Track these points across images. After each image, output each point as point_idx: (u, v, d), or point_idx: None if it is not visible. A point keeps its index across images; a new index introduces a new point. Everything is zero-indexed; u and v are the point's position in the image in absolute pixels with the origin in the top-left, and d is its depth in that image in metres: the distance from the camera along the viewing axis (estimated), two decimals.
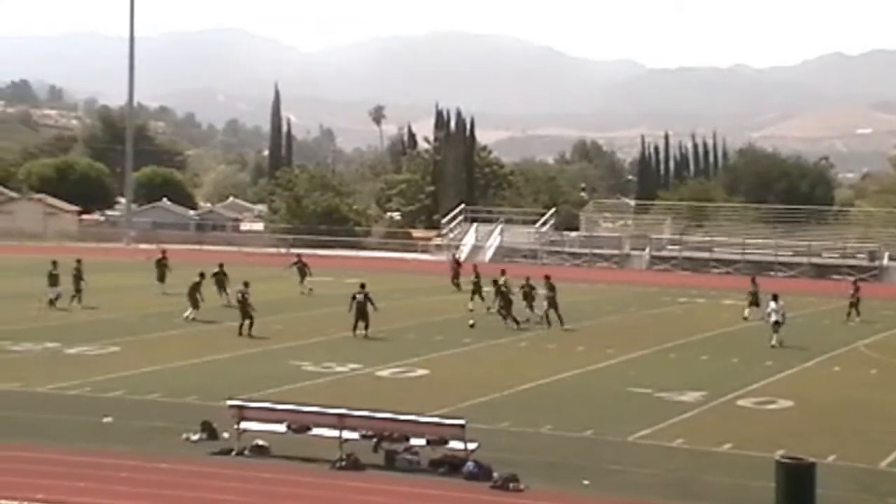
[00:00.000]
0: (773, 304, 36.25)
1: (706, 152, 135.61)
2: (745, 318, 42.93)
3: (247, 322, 35.27)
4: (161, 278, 48.04)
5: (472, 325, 38.65)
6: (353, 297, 36.02)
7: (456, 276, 52.70)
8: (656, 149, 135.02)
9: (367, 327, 35.55)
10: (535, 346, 35.62)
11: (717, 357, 34.00)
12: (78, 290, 42.92)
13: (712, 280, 65.81)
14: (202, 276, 40.29)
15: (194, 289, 39.27)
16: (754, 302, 43.10)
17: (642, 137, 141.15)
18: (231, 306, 39.84)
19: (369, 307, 35.76)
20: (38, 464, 19.14)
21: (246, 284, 35.92)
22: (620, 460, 20.52)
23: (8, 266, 62.41)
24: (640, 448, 21.69)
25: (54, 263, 43.07)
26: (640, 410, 25.30)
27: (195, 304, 39.00)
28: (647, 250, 77.61)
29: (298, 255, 53.96)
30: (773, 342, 35.48)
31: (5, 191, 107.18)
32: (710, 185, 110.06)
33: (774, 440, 21.96)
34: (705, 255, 75.70)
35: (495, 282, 40.95)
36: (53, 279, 42.53)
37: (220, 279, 44.32)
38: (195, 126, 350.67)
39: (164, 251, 51.53)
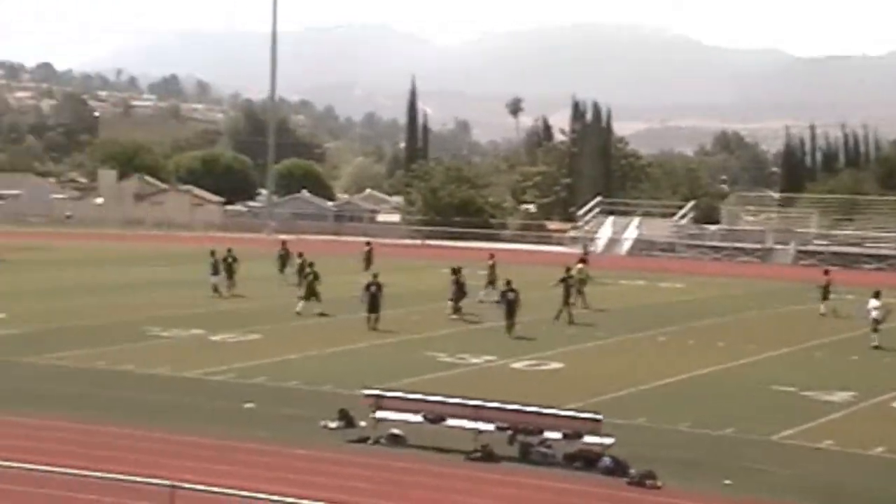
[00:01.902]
0: (873, 302, 34.46)
1: (857, 143, 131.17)
2: (822, 315, 41.55)
3: (373, 316, 34.94)
4: (282, 269, 48.52)
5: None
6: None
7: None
8: (802, 140, 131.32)
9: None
10: (674, 340, 35.09)
11: (868, 356, 32.79)
12: (230, 278, 44.17)
13: (863, 276, 63.66)
14: (312, 265, 40.11)
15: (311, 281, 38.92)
16: (825, 296, 42.23)
17: (787, 128, 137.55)
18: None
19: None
20: (184, 446, 19.72)
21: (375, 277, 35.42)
22: (763, 460, 20.02)
23: (157, 255, 64.39)
24: (784, 448, 21.13)
25: (212, 253, 44.25)
26: (785, 409, 24.65)
27: (314, 296, 38.58)
28: (793, 245, 75.67)
29: (283, 242, 52.81)
30: (875, 342, 33.76)
31: (155, 182, 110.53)
32: (862, 177, 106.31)
33: None
34: (856, 250, 73.40)
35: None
36: (214, 267, 43.69)
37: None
38: (334, 119, 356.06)
39: (283, 242, 51.94)
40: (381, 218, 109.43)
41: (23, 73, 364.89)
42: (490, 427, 20.01)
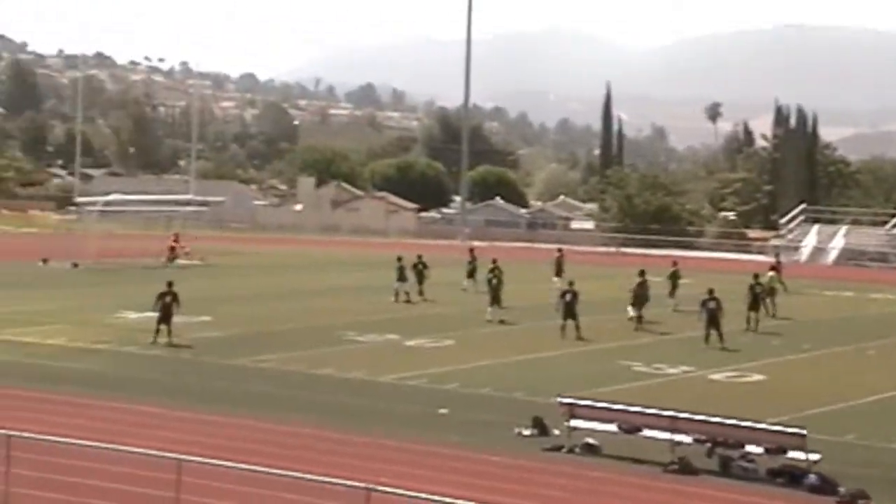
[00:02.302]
0: None
1: None
2: None
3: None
4: (470, 275, 48.55)
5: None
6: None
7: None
8: None
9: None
10: (885, 354, 33.45)
11: None
12: (420, 284, 44.60)
13: None
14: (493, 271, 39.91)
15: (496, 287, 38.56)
16: None
17: None
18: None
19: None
20: (379, 449, 19.90)
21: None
22: None
23: (353, 261, 65.70)
24: None
25: (399, 259, 44.85)
26: None
27: (496, 302, 38.30)
28: None
29: (471, 250, 52.10)
30: None
31: (352, 189, 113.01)
32: None
33: None
34: None
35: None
36: (400, 273, 44.28)
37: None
38: (528, 125, 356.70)
39: (471, 250, 52.05)
40: (574, 225, 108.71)
41: (227, 84, 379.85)
42: (688, 439, 19.45)
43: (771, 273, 42.97)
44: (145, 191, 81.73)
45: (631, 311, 37.52)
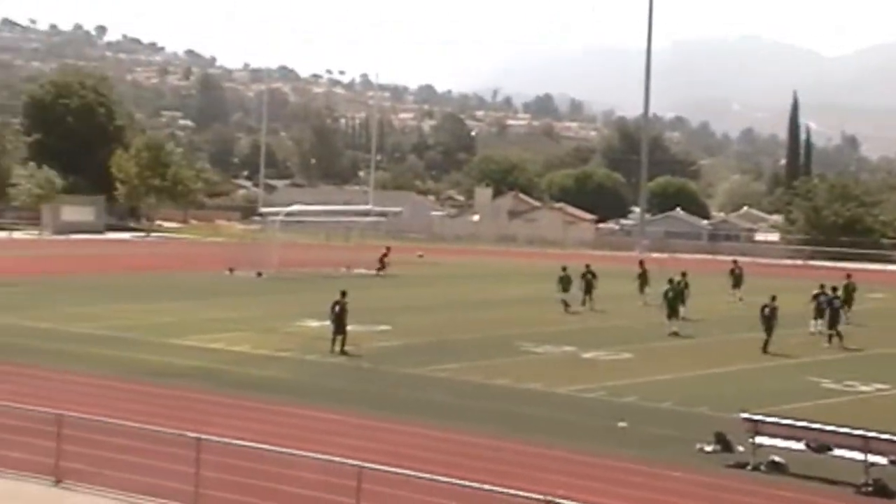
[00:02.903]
0: None
1: None
2: None
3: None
4: (642, 288, 47.76)
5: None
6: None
7: None
8: None
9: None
10: None
11: None
12: (588, 293, 44.24)
13: None
14: (671, 282, 38.71)
15: (673, 300, 37.58)
16: None
17: None
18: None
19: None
20: (557, 461, 19.68)
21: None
22: None
23: (530, 272, 65.58)
24: None
25: (563, 269, 44.59)
26: None
27: (674, 315, 37.45)
28: None
29: (641, 262, 50.62)
30: None
31: (529, 200, 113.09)
32: None
33: None
34: None
35: None
36: (565, 283, 43.98)
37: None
38: (710, 135, 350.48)
39: (642, 262, 51.03)
40: (758, 237, 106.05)
41: (406, 95, 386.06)
42: (883, 460, 18.52)
43: (846, 280, 41.33)
44: (326, 201, 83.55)
45: (812, 327, 36.19)
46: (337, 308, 31.75)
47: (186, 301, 44.59)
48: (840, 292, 38.63)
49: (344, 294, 32.16)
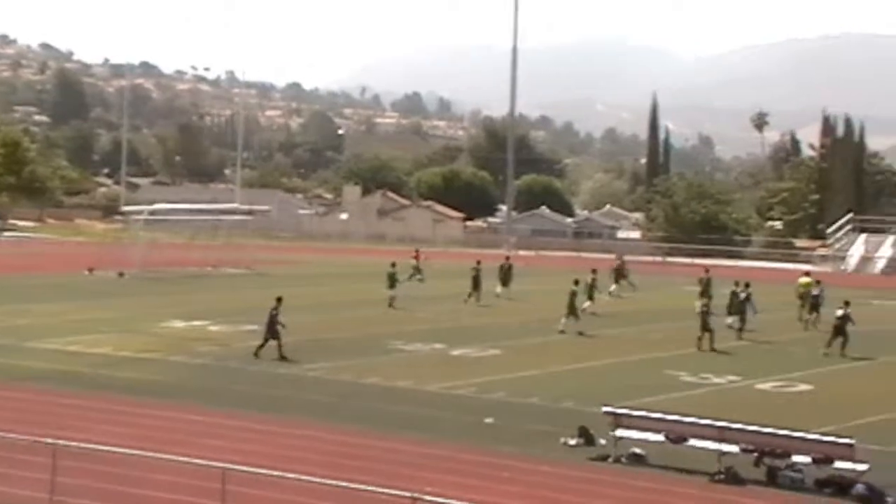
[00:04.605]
0: None
1: None
2: None
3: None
4: (504, 283, 48.66)
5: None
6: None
7: None
8: None
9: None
10: None
11: None
12: (475, 290, 45.56)
13: None
14: (577, 283, 39.27)
15: (572, 297, 38.13)
16: None
17: None
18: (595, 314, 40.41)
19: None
20: (427, 458, 20.00)
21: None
22: None
23: (400, 270, 65.66)
24: None
25: (393, 265, 45.09)
26: None
27: (573, 313, 37.95)
28: None
29: (507, 258, 51.96)
30: None
31: (398, 198, 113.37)
32: None
33: None
34: None
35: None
36: (391, 280, 44.55)
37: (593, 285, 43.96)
38: (574, 135, 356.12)
39: (507, 257, 52.23)
40: (621, 234, 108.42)
41: (273, 93, 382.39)
42: (734, 449, 19.38)
43: (804, 278, 43.20)
44: (191, 199, 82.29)
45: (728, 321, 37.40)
46: (272, 314, 30.99)
47: (44, 303, 43.31)
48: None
49: (279, 300, 31.52)
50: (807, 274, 45.34)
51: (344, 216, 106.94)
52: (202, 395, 25.42)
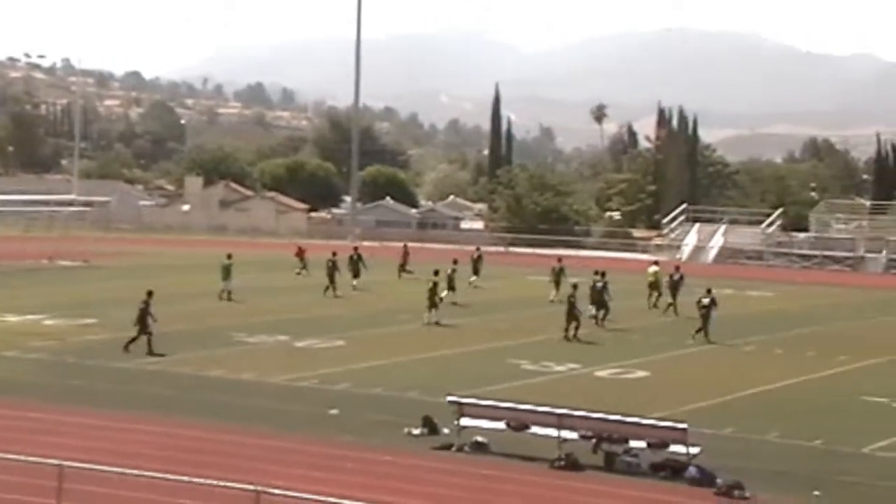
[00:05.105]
0: None
1: None
2: None
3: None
4: (356, 274, 48.79)
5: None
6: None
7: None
8: (894, 147, 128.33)
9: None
10: (762, 350, 34.54)
11: None
12: (332, 282, 45.64)
13: None
14: (437, 273, 39.01)
15: (432, 288, 38.00)
16: None
17: (878, 135, 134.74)
18: (456, 304, 40.87)
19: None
20: (272, 451, 19.89)
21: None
22: (855, 472, 19.61)
23: (243, 262, 65.00)
24: (877, 461, 20.65)
25: (229, 256, 44.83)
26: (877, 421, 24.12)
27: (434, 305, 37.86)
28: (884, 253, 74.05)
29: (355, 248, 52.51)
30: None
31: (241, 189, 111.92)
32: None
33: None
34: None
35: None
36: (225, 272, 44.19)
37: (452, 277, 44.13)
38: (418, 126, 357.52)
39: (356, 248, 52.27)
40: (464, 225, 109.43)
41: (112, 82, 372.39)
42: (574, 435, 19.87)
43: (653, 267, 44.71)
44: (26, 191, 79.76)
45: (592, 310, 37.74)
46: (142, 307, 30.37)
47: None
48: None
49: (150, 294, 30.93)
50: (655, 263, 47.13)
51: (186, 207, 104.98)
52: (37, 392, 24.70)
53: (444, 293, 41.02)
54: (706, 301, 35.52)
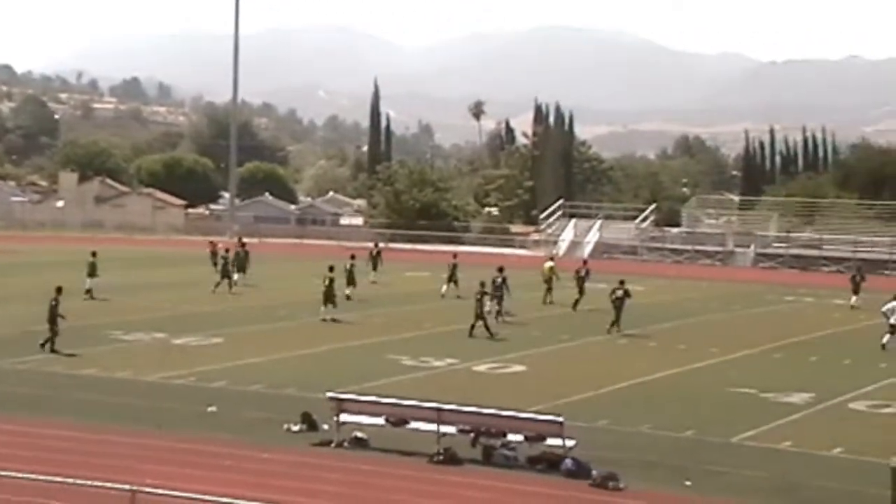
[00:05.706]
0: (893, 304, 34.11)
1: (815, 147, 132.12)
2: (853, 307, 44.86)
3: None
4: (242, 269, 48.38)
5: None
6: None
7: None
8: (762, 144, 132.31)
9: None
10: (635, 343, 35.31)
11: (827, 358, 33.10)
12: (226, 277, 45.37)
13: (821, 278, 64.22)
14: (332, 269, 38.42)
15: (329, 284, 37.58)
16: (856, 290, 46.08)
17: (746, 132, 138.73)
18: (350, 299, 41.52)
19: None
20: (148, 450, 19.64)
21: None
22: (723, 462, 20.23)
23: (118, 258, 63.82)
24: (744, 450, 21.33)
25: (94, 254, 44.16)
26: (744, 411, 24.89)
27: (330, 301, 37.56)
28: (752, 247, 76.28)
29: (242, 243, 51.73)
30: (885, 341, 34.14)
31: (117, 185, 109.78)
32: (820, 181, 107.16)
33: (890, 446, 20.62)
34: (814, 252, 73.95)
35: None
36: (91, 269, 43.56)
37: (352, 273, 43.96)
38: (297, 122, 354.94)
39: (243, 244, 51.30)
40: (343, 221, 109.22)
41: None
42: (452, 430, 20.07)
43: (550, 262, 45.55)
44: None
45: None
46: (52, 305, 29.90)
47: None
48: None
49: (59, 290, 30.55)
50: (551, 258, 47.96)
51: (60, 204, 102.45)
52: None
53: (347, 290, 41.25)
54: (620, 293, 36.21)
